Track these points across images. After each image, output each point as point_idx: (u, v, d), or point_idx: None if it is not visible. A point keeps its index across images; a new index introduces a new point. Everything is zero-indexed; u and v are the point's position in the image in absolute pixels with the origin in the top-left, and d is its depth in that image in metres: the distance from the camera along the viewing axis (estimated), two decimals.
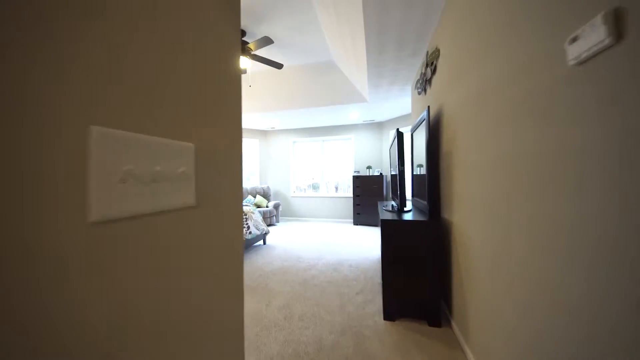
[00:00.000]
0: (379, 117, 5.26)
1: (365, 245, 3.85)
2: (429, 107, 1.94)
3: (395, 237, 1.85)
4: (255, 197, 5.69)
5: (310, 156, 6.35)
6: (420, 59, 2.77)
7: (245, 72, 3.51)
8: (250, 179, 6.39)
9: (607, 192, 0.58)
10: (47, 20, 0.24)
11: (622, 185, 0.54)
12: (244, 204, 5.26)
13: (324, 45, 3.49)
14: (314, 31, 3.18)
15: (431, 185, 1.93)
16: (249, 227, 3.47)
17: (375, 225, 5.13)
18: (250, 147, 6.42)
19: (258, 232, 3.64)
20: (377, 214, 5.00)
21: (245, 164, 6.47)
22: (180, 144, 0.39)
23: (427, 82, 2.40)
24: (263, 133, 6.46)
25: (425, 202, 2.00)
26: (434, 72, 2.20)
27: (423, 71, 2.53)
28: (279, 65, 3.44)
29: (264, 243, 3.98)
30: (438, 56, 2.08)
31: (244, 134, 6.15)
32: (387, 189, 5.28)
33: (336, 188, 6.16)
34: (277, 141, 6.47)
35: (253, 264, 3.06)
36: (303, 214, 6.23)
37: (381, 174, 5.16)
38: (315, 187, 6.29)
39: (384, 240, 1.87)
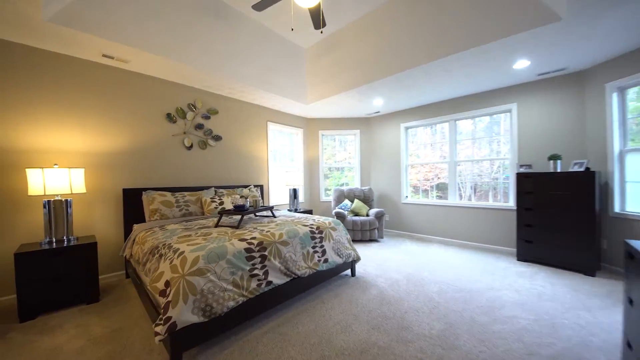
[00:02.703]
0: (581, 61, 2.68)
1: (560, 320, 1.75)
2: None
3: None
4: (352, 201, 4.48)
5: (432, 146, 4.43)
6: None
7: (319, 11, 2.33)
8: (354, 179, 5.23)
9: None
10: None
11: None
12: (336, 210, 4.15)
13: None
14: None
15: None
16: (324, 252, 2.26)
17: (573, 269, 2.66)
18: (349, 141, 5.27)
19: (340, 261, 2.38)
20: (571, 245, 2.58)
21: (344, 162, 5.42)
22: None
23: None
24: (365, 121, 5.14)
25: None
26: None
27: None
28: None
29: (352, 274, 2.68)
30: None
31: (338, 125, 5.08)
32: (601, 199, 2.64)
33: (474, 191, 3.95)
34: (382, 129, 4.95)
35: (320, 322, 1.82)
36: (419, 229, 4.40)
37: (588, 168, 2.62)
38: (441, 188, 4.32)
39: None
